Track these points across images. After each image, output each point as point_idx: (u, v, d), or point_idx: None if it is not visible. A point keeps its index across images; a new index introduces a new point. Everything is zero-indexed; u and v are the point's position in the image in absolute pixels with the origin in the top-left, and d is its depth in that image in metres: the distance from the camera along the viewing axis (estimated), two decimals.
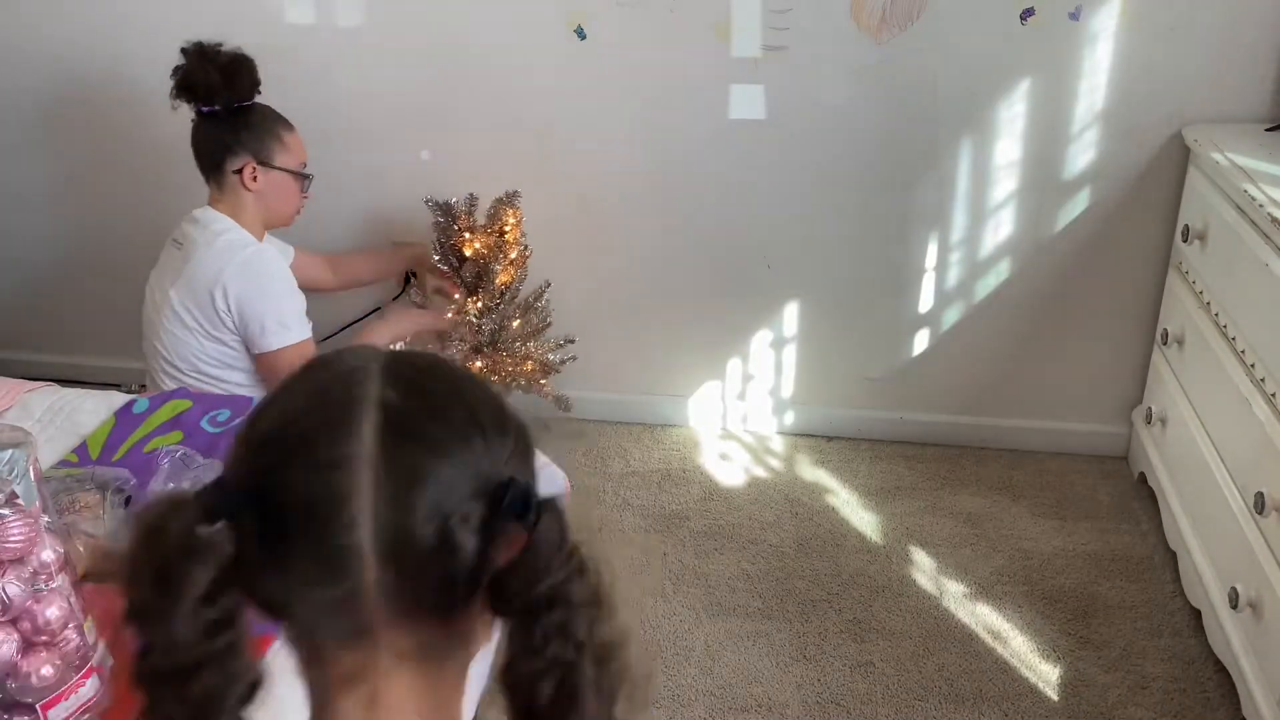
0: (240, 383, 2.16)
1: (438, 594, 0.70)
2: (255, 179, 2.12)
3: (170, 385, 2.14)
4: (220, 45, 2.09)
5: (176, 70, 2.07)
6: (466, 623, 0.73)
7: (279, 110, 2.19)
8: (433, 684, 0.74)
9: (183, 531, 0.67)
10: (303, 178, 2.21)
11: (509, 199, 2.48)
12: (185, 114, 2.14)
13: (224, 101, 2.08)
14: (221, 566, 0.67)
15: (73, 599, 1.15)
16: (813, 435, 2.80)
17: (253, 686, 0.71)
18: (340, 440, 0.68)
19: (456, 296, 2.48)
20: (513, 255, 2.51)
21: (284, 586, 0.69)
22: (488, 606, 0.72)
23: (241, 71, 2.09)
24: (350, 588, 0.67)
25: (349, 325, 2.59)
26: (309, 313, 2.19)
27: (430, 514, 0.68)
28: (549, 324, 2.66)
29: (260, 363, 2.14)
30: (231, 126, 2.10)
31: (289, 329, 2.11)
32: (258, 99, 2.14)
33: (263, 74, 2.13)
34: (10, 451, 1.10)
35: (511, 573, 0.70)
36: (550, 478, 1.92)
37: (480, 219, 2.47)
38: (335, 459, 0.67)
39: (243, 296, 2.07)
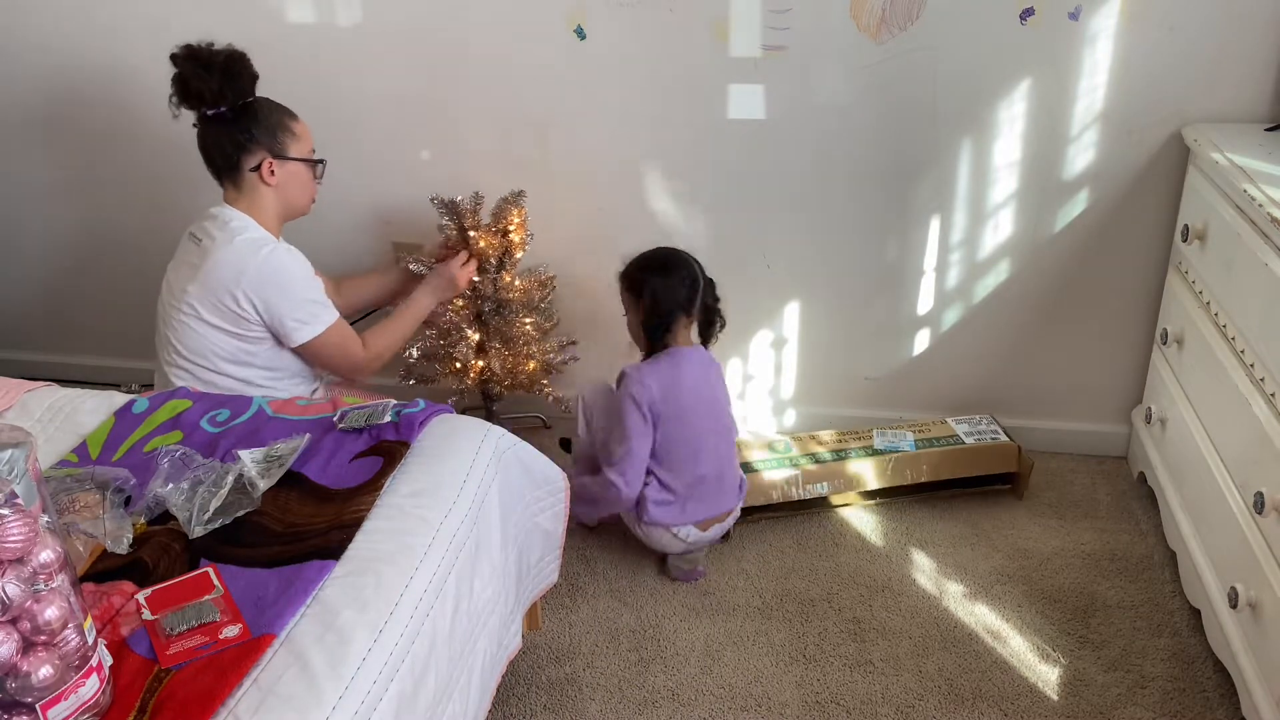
0: (253, 380, 2.17)
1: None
2: (273, 173, 2.14)
3: (179, 377, 2.15)
4: (210, 44, 2.09)
5: (175, 80, 2.08)
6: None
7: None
8: None
9: None
10: (316, 164, 2.23)
11: (514, 198, 2.47)
12: (185, 114, 2.14)
13: (229, 102, 2.09)
14: None
15: (72, 599, 1.15)
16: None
17: None
18: None
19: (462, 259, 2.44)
20: (518, 255, 2.51)
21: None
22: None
23: (240, 69, 2.09)
24: None
25: (367, 314, 2.58)
26: None
27: None
28: (556, 323, 2.66)
29: (299, 352, 2.20)
30: (241, 125, 2.11)
31: (317, 317, 2.15)
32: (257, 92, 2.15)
33: (262, 72, 2.14)
34: (10, 451, 1.10)
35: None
36: (549, 476, 1.92)
37: (485, 218, 2.47)
38: None
39: (267, 299, 2.09)
